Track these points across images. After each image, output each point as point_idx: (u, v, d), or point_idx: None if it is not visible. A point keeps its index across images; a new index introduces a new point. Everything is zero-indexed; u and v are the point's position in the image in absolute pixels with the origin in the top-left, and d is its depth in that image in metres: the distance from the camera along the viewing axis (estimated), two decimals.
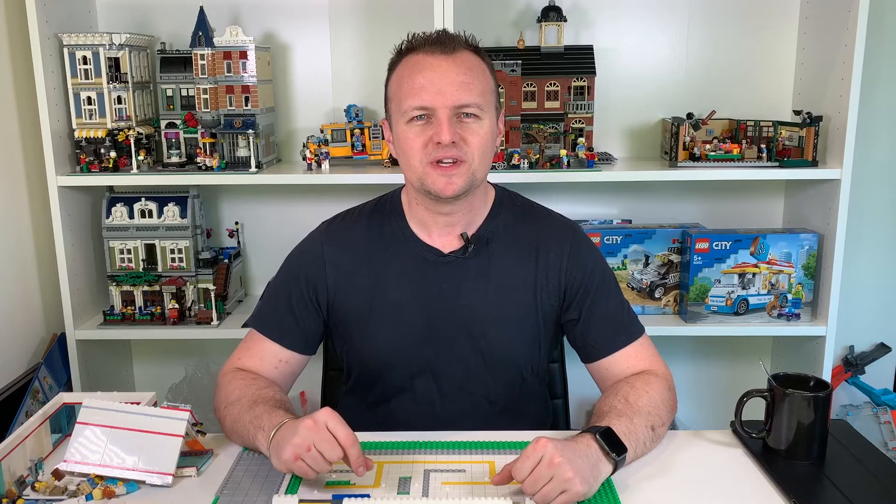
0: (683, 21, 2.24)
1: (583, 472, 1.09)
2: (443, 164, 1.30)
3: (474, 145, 1.31)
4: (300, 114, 2.31)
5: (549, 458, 1.08)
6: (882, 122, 2.27)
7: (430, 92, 1.29)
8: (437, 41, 1.32)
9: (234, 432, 1.29)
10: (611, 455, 1.15)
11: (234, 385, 1.34)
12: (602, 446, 1.15)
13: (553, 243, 1.43)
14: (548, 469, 1.08)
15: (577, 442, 1.15)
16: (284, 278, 1.47)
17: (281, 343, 1.42)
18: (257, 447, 1.22)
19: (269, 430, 1.18)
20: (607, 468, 1.15)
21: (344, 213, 1.51)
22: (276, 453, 1.14)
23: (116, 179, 2.11)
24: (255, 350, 1.43)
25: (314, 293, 1.43)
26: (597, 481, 1.13)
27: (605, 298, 1.42)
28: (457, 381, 1.42)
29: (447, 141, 1.28)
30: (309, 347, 1.45)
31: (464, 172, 1.31)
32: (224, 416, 1.32)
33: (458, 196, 1.33)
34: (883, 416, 2.35)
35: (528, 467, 1.09)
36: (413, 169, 1.33)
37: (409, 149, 1.32)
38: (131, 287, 2.17)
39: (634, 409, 1.26)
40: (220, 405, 1.34)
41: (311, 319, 1.44)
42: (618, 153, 2.30)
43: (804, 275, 2.11)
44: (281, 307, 1.44)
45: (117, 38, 2.07)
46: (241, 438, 1.27)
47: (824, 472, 1.20)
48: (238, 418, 1.27)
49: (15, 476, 1.16)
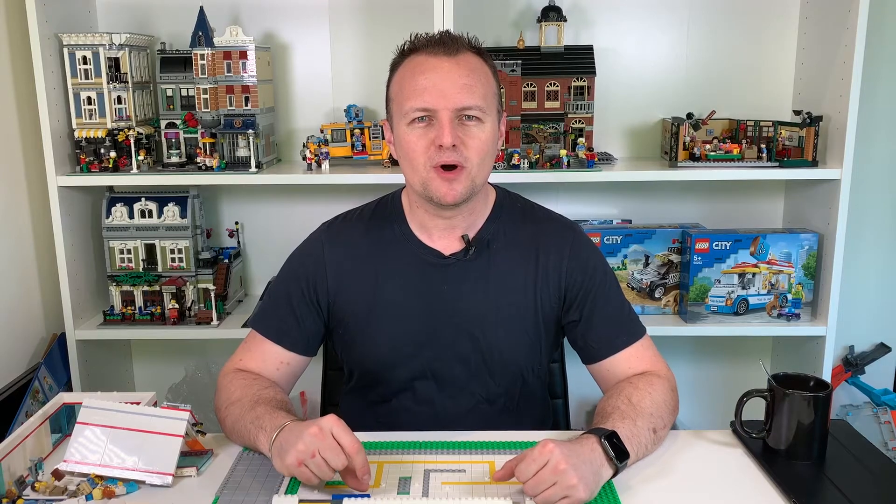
0: (683, 21, 2.24)
1: (586, 478, 1.09)
2: (445, 169, 1.30)
3: (474, 150, 1.30)
4: (300, 114, 2.31)
5: (555, 464, 1.08)
6: (882, 122, 2.27)
7: (432, 94, 1.28)
8: (440, 42, 1.31)
9: (235, 432, 1.28)
10: (614, 461, 1.15)
11: (235, 385, 1.34)
12: (606, 451, 1.15)
13: (553, 245, 1.42)
14: (552, 474, 1.07)
15: (581, 446, 1.14)
16: (285, 279, 1.47)
17: (282, 344, 1.41)
18: (258, 448, 1.22)
19: (271, 432, 1.18)
20: (608, 472, 1.15)
21: (344, 215, 1.50)
22: (278, 456, 1.14)
23: (116, 179, 2.11)
24: (256, 351, 1.42)
25: (315, 294, 1.43)
26: (598, 486, 1.13)
27: (605, 299, 1.42)
28: (457, 383, 1.42)
29: (448, 144, 1.27)
30: (310, 349, 1.45)
31: (464, 178, 1.31)
32: (225, 417, 1.32)
33: (458, 203, 1.33)
34: (883, 416, 2.35)
35: (533, 470, 1.09)
36: (416, 172, 1.33)
37: (412, 151, 1.31)
38: (131, 287, 2.17)
39: (637, 411, 1.26)
40: (221, 405, 1.34)
41: (312, 320, 1.43)
42: (618, 153, 2.29)
43: (804, 275, 2.11)
44: (282, 308, 1.43)
45: (117, 38, 2.07)
46: (242, 439, 1.27)
47: (824, 472, 1.20)
48: (239, 418, 1.27)
49: (15, 476, 1.16)
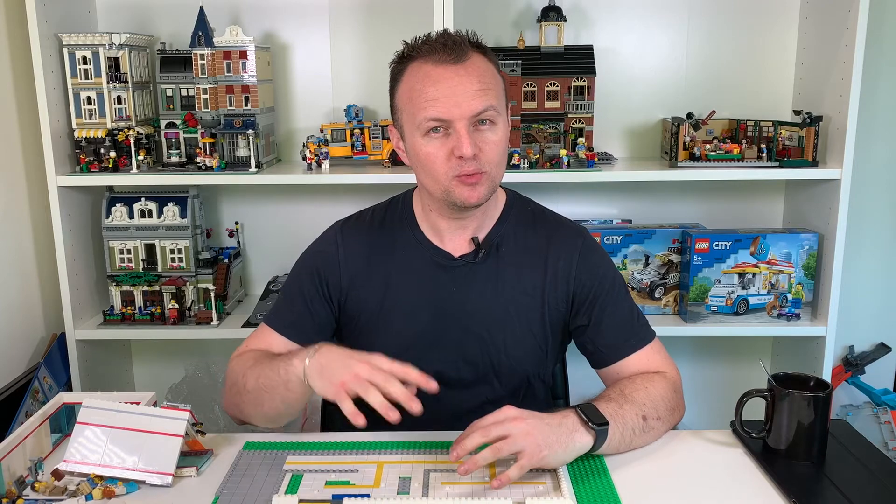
0: (683, 21, 2.23)
1: (546, 436, 1.13)
2: (467, 175, 1.30)
3: (492, 154, 1.31)
4: (300, 114, 2.31)
5: (510, 416, 1.13)
6: (882, 122, 2.27)
7: (445, 104, 1.27)
8: (443, 47, 1.29)
9: (259, 388, 1.28)
10: (590, 425, 1.16)
11: (248, 356, 1.37)
12: (580, 416, 1.17)
13: (562, 250, 1.43)
14: (504, 425, 1.13)
15: (551, 415, 1.17)
16: (299, 275, 1.48)
17: (292, 339, 1.42)
18: (289, 376, 1.22)
19: (305, 353, 1.21)
20: (585, 439, 1.17)
21: (357, 215, 1.51)
22: (318, 376, 1.18)
23: (116, 179, 2.11)
24: (262, 340, 1.44)
25: (328, 290, 1.44)
26: (569, 449, 1.15)
27: (614, 304, 1.42)
28: (464, 384, 1.43)
29: (469, 154, 1.27)
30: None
31: (485, 182, 1.32)
32: (245, 383, 1.31)
33: (481, 203, 1.34)
34: (883, 416, 2.35)
35: (487, 422, 1.14)
36: (437, 182, 1.32)
37: (432, 163, 1.31)
38: (131, 287, 2.17)
39: (626, 398, 1.27)
40: (237, 377, 1.34)
41: (325, 315, 1.45)
42: (618, 153, 2.29)
43: (804, 275, 2.11)
44: (296, 303, 1.44)
45: (117, 38, 2.06)
46: (268, 388, 1.27)
47: (824, 472, 1.20)
48: (262, 371, 1.28)
49: (15, 476, 1.16)
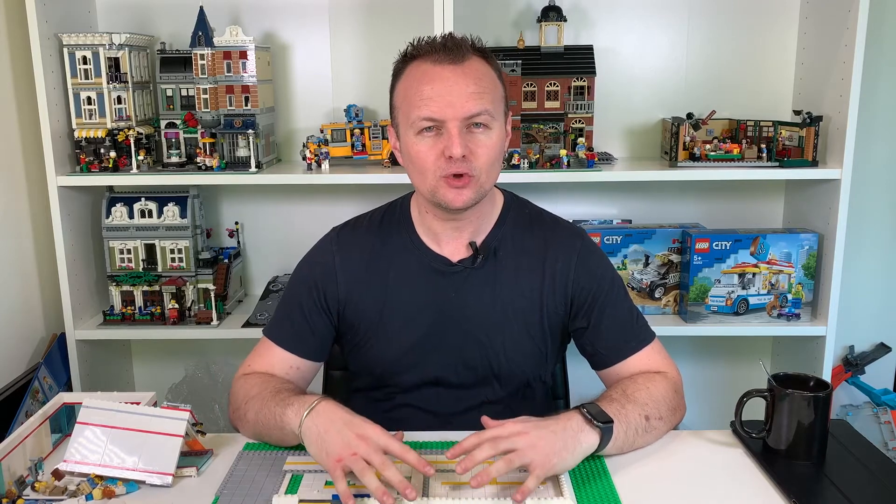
0: (683, 21, 2.23)
1: (552, 443, 1.11)
2: (454, 177, 1.29)
3: (482, 158, 1.30)
4: (300, 114, 2.31)
5: (515, 430, 1.11)
6: (882, 122, 2.27)
7: (439, 104, 1.27)
8: (444, 48, 1.29)
9: (258, 423, 1.27)
10: (594, 423, 1.15)
11: (252, 383, 1.35)
12: (585, 416, 1.16)
13: (560, 252, 1.42)
14: (510, 439, 1.10)
15: (555, 419, 1.16)
16: (296, 286, 1.47)
17: (295, 352, 1.42)
18: (284, 425, 1.21)
19: (302, 406, 1.18)
20: (591, 438, 1.16)
21: (354, 221, 1.50)
22: (316, 445, 1.14)
23: (116, 179, 2.11)
24: (266, 356, 1.43)
25: (325, 300, 1.43)
26: (576, 451, 1.14)
27: (613, 306, 1.42)
28: (463, 388, 1.43)
29: (458, 155, 1.27)
30: (322, 354, 1.46)
31: (472, 185, 1.31)
32: (245, 412, 1.30)
33: (467, 207, 1.33)
34: (883, 416, 2.35)
35: (487, 436, 1.11)
36: (425, 181, 1.32)
37: (422, 162, 1.31)
38: (131, 287, 2.17)
39: (628, 398, 1.27)
40: (240, 403, 1.33)
41: (324, 325, 1.44)
42: (618, 153, 2.29)
43: (804, 275, 2.11)
44: (295, 315, 1.43)
45: (117, 38, 2.07)
46: (266, 426, 1.26)
47: (824, 472, 1.20)
48: (261, 408, 1.26)
49: (15, 476, 1.16)
